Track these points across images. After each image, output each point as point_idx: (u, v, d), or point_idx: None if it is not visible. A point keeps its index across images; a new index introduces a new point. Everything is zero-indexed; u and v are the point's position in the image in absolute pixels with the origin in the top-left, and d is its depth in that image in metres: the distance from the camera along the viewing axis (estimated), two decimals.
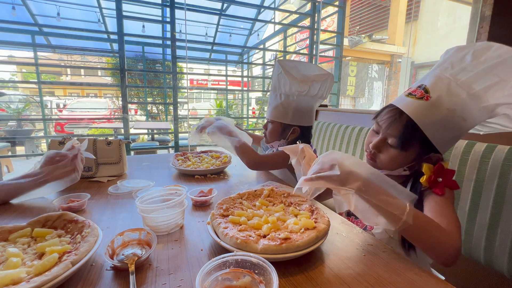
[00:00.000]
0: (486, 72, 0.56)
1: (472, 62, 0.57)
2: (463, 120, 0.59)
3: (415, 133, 0.62)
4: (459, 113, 0.59)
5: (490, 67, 0.55)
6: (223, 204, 0.66)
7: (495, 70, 0.55)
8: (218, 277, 0.40)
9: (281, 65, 1.02)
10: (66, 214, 0.59)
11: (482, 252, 0.79)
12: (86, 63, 7.11)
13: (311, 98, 1.07)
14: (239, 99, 7.73)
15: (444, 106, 0.59)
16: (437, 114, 0.59)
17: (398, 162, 0.68)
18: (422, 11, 8.76)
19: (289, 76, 1.00)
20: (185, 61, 3.67)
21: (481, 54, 0.57)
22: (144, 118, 6.81)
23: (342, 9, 3.37)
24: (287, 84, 1.01)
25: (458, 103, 0.58)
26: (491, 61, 0.55)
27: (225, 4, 4.38)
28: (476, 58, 0.58)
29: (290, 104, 1.03)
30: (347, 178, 0.52)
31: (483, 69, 0.56)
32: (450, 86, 0.59)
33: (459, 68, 0.59)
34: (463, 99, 0.58)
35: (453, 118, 0.59)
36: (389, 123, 0.66)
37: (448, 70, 0.61)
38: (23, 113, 5.53)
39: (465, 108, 0.58)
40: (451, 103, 0.58)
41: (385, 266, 0.51)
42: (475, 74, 0.57)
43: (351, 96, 9.97)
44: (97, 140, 1.04)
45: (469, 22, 3.13)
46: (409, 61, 9.12)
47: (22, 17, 4.07)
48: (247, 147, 0.99)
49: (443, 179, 0.62)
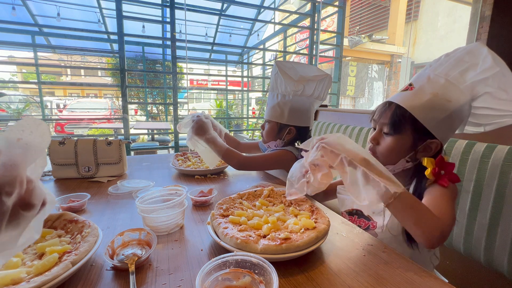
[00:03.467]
0: (457, 61, 0.65)
1: (445, 58, 0.68)
2: (447, 101, 0.64)
3: (405, 115, 0.67)
4: (442, 95, 0.65)
5: (460, 56, 0.65)
6: (223, 204, 0.66)
7: (464, 58, 0.64)
8: (218, 277, 0.40)
9: (278, 65, 1.03)
10: (66, 214, 0.59)
11: (482, 252, 0.79)
12: (86, 63, 7.11)
13: (307, 98, 1.07)
14: (239, 99, 7.73)
15: (427, 91, 0.66)
16: (422, 98, 0.66)
17: (396, 150, 0.70)
18: (422, 11, 8.76)
19: (284, 76, 1.01)
20: (185, 61, 3.68)
21: (451, 53, 0.68)
22: (144, 118, 6.81)
23: (342, 9, 3.37)
24: (283, 84, 1.03)
25: (439, 88, 0.65)
26: (459, 53, 0.66)
27: (225, 4, 4.38)
28: (447, 55, 0.68)
29: (286, 104, 1.04)
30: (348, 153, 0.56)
31: (454, 59, 0.66)
32: (429, 77, 0.68)
33: (435, 65, 0.69)
34: (443, 83, 0.66)
35: (437, 100, 0.65)
36: (381, 113, 0.73)
37: (427, 68, 0.71)
38: (23, 113, 5.54)
39: (447, 90, 0.65)
40: (433, 89, 0.66)
41: (385, 266, 0.51)
42: (448, 64, 0.66)
43: (351, 96, 9.97)
44: (97, 140, 1.04)
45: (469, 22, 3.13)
46: (409, 61, 9.12)
47: (22, 17, 4.08)
48: (229, 151, 0.99)
49: (445, 171, 0.64)
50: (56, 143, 1.00)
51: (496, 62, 0.61)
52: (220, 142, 1.00)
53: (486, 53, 0.62)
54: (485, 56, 0.62)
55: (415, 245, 0.67)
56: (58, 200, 0.74)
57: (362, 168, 0.54)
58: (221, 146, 0.99)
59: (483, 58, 0.62)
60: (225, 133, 1.24)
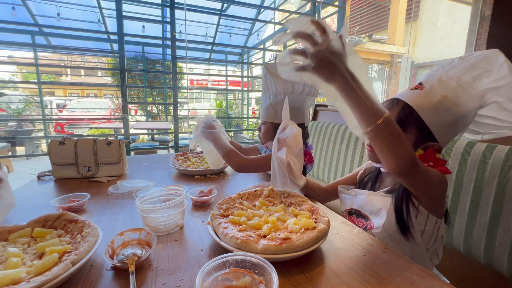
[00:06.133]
0: (471, 66, 0.64)
1: (459, 61, 0.67)
2: (456, 106, 0.64)
3: (412, 115, 0.66)
4: (451, 99, 0.64)
5: (475, 62, 0.64)
6: (223, 204, 0.66)
7: (479, 63, 0.63)
8: (218, 277, 0.40)
9: (266, 67, 1.06)
10: (66, 214, 0.59)
11: (482, 252, 0.79)
12: (86, 63, 7.11)
13: (299, 96, 1.08)
14: (239, 99, 7.73)
15: (437, 93, 0.64)
16: (431, 99, 0.64)
17: None
18: (422, 11, 8.75)
19: (273, 76, 1.04)
20: (185, 61, 3.68)
21: (465, 56, 0.67)
22: (144, 118, 6.80)
23: (342, 9, 3.37)
24: (273, 85, 1.04)
25: (450, 90, 0.64)
26: (475, 58, 0.64)
27: (225, 4, 4.38)
28: (462, 59, 0.67)
29: (279, 104, 1.05)
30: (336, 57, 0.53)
31: (468, 63, 0.64)
32: (441, 78, 0.66)
33: (448, 67, 0.68)
34: (454, 87, 0.64)
35: (446, 103, 0.64)
36: (388, 109, 0.71)
37: (439, 70, 0.69)
38: (23, 113, 5.53)
39: (457, 94, 0.63)
40: (443, 91, 0.64)
41: (385, 266, 0.51)
42: (462, 68, 0.65)
43: None
44: (97, 140, 1.04)
45: (469, 22, 3.13)
46: (409, 61, 9.11)
47: (22, 17, 4.07)
48: (232, 152, 1.00)
49: (434, 163, 0.65)
50: (56, 143, 1.00)
51: (511, 71, 0.60)
52: (224, 142, 1.03)
53: (503, 61, 0.61)
54: (501, 64, 0.61)
55: (410, 236, 0.67)
56: (57, 200, 0.74)
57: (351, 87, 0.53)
58: (224, 145, 1.02)
59: (499, 66, 0.61)
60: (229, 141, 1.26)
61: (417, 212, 0.67)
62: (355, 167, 1.33)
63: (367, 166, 0.90)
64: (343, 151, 1.42)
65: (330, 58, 0.52)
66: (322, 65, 0.53)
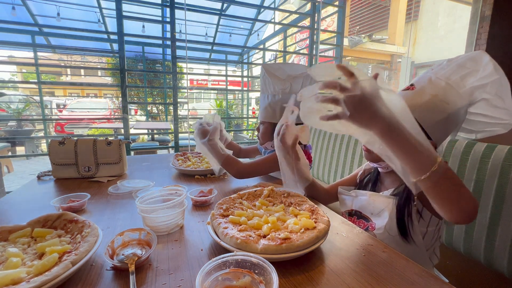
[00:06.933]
0: (459, 66, 0.67)
1: (447, 63, 0.70)
2: (446, 103, 0.65)
3: None
4: (441, 97, 0.65)
5: (462, 62, 0.67)
6: (223, 204, 0.66)
7: (466, 64, 0.66)
8: (218, 277, 0.40)
9: (264, 68, 1.06)
10: (66, 214, 0.59)
11: (482, 252, 0.79)
12: (86, 63, 7.11)
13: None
14: (239, 99, 7.73)
15: (427, 92, 0.67)
16: (422, 98, 0.66)
17: None
18: (422, 11, 8.75)
19: (271, 76, 1.03)
20: (185, 61, 3.68)
21: (453, 59, 0.70)
22: (144, 118, 6.80)
23: (342, 9, 3.37)
24: (271, 85, 1.04)
25: (439, 89, 0.66)
26: (462, 59, 0.67)
27: (225, 4, 4.37)
28: (450, 61, 0.70)
29: (277, 103, 1.05)
30: (368, 115, 0.48)
31: (456, 64, 0.67)
32: (431, 79, 0.69)
33: (437, 68, 0.70)
34: (443, 86, 0.67)
35: (436, 101, 0.65)
36: None
37: (429, 71, 0.72)
38: (23, 113, 5.54)
39: (446, 93, 0.66)
40: (433, 90, 0.67)
41: (385, 266, 0.51)
42: (450, 68, 0.68)
43: None
44: (97, 140, 1.04)
45: (469, 22, 3.12)
46: (409, 61, 9.11)
47: (22, 17, 4.07)
48: (229, 160, 0.99)
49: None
50: (56, 143, 1.00)
51: (496, 70, 0.62)
52: (219, 150, 1.00)
53: (488, 61, 0.64)
54: (486, 64, 0.64)
55: (410, 239, 0.67)
56: (57, 200, 0.74)
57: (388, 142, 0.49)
58: (221, 154, 0.99)
59: (484, 65, 0.64)
60: (229, 141, 1.25)
61: (420, 217, 0.67)
62: (355, 167, 1.33)
63: (366, 167, 0.90)
64: (343, 151, 1.42)
65: (367, 103, 0.48)
66: (360, 111, 0.48)
